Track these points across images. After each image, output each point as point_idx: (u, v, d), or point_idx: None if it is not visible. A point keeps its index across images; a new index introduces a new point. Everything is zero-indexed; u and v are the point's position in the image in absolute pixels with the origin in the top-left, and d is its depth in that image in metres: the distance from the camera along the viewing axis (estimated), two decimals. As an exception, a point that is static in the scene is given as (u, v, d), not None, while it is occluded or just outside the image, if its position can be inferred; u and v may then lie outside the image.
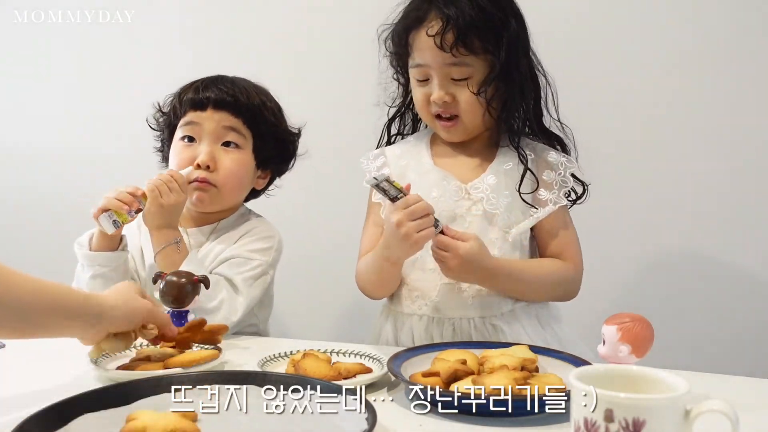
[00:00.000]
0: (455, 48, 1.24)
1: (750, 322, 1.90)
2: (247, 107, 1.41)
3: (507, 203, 1.31)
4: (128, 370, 1.08)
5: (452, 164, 1.36)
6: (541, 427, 0.91)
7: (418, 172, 1.36)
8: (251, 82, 1.48)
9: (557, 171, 1.32)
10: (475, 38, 1.25)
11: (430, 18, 1.27)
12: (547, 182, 1.32)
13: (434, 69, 1.28)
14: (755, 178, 1.89)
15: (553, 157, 1.33)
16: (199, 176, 1.40)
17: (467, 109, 1.29)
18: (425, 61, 1.28)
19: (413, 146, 1.40)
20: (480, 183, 1.32)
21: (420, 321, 1.32)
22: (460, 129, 1.33)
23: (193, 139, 1.42)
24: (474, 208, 1.31)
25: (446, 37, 1.24)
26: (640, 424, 0.67)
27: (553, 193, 1.31)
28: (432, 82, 1.29)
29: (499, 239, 1.30)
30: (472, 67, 1.27)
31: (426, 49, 1.27)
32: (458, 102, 1.29)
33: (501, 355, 1.05)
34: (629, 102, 1.95)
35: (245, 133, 1.42)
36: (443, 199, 1.31)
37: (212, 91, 1.41)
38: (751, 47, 1.85)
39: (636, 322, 0.99)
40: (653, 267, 1.97)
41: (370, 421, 0.82)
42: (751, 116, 1.88)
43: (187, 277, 1.23)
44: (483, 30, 1.25)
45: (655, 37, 1.92)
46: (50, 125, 2.39)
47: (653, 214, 1.96)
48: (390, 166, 1.39)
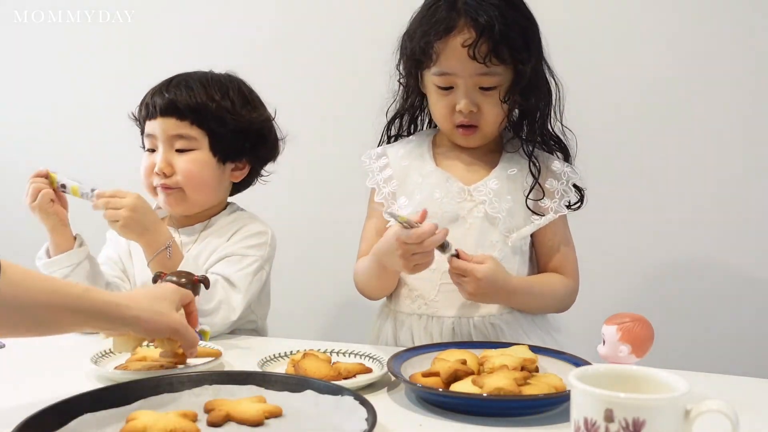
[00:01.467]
0: (489, 58, 1.24)
1: (750, 322, 1.90)
2: (189, 108, 1.41)
3: (508, 208, 1.31)
4: (127, 370, 1.08)
5: (455, 167, 1.36)
6: (541, 427, 0.91)
7: (421, 174, 1.36)
8: (208, 76, 1.47)
9: (560, 180, 1.33)
10: (506, 48, 1.25)
11: (460, 27, 1.25)
12: (550, 190, 1.33)
13: (462, 78, 1.27)
14: (755, 179, 1.89)
15: (557, 167, 1.34)
16: (160, 183, 1.43)
17: (490, 120, 1.30)
18: (453, 70, 1.27)
19: (416, 147, 1.40)
20: (483, 186, 1.32)
21: (419, 320, 1.32)
22: (479, 137, 1.33)
23: (153, 149, 1.45)
24: (476, 210, 1.31)
25: (481, 48, 1.23)
26: (640, 424, 0.67)
27: (554, 202, 1.32)
28: (457, 90, 1.29)
29: (500, 242, 1.31)
30: (501, 76, 1.27)
31: (456, 58, 1.26)
32: (482, 112, 1.29)
33: (501, 355, 1.05)
34: (628, 103, 1.95)
35: (195, 134, 1.42)
36: (446, 200, 1.31)
37: (159, 97, 1.43)
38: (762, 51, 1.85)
39: (636, 322, 0.99)
40: (653, 267, 1.97)
41: (370, 421, 0.82)
42: (752, 120, 1.88)
43: (187, 277, 1.23)
44: (515, 40, 1.25)
45: (659, 39, 1.92)
46: (50, 125, 2.39)
47: (653, 214, 1.96)
48: (392, 167, 1.39)
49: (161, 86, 1.45)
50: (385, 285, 1.35)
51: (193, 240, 1.47)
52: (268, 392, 0.94)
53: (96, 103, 2.34)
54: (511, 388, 0.93)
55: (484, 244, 1.30)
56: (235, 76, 1.51)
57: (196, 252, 1.44)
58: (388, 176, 1.38)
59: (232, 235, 1.46)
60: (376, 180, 1.38)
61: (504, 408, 0.93)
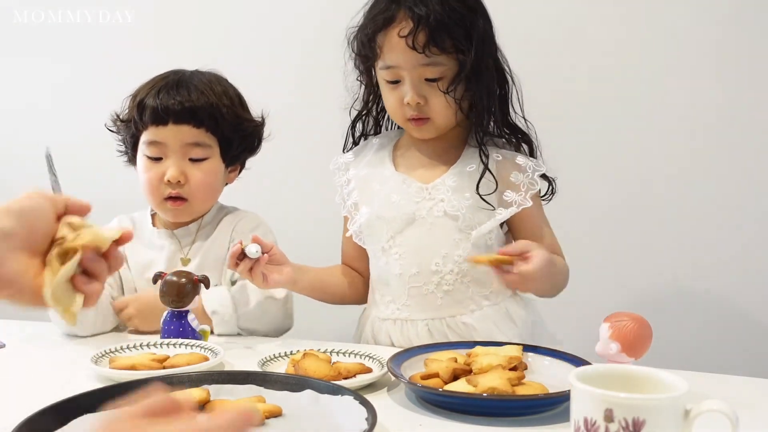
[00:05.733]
0: (428, 48, 1.22)
1: (750, 322, 1.90)
2: (207, 113, 1.36)
3: (468, 204, 1.29)
4: (127, 370, 1.08)
5: (415, 166, 1.35)
6: (541, 427, 0.91)
7: (380, 181, 1.35)
8: (206, 75, 1.43)
9: (525, 173, 1.30)
10: (447, 37, 1.23)
11: (400, 18, 1.24)
12: (515, 184, 1.30)
13: (406, 70, 1.26)
14: (756, 178, 1.89)
15: (522, 160, 1.31)
16: (171, 192, 1.37)
17: (439, 111, 1.28)
18: (396, 63, 1.26)
19: (378, 150, 1.39)
20: (441, 184, 1.30)
21: (394, 325, 1.32)
22: (432, 128, 1.31)
23: (159, 157, 1.38)
24: (435, 208, 1.30)
25: (418, 38, 1.22)
26: (640, 424, 0.67)
27: (519, 195, 1.29)
28: (404, 84, 1.27)
29: (462, 240, 1.29)
30: (444, 66, 1.25)
31: (397, 50, 1.25)
32: (430, 104, 1.27)
33: (486, 354, 1.05)
34: (620, 100, 1.95)
35: (210, 141, 1.39)
36: (403, 203, 1.30)
37: (171, 102, 1.35)
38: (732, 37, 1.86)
39: (630, 322, 0.99)
40: (653, 267, 1.97)
41: (370, 421, 0.82)
42: (751, 112, 1.88)
43: (187, 277, 1.23)
44: (453, 28, 1.23)
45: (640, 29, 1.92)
46: (50, 125, 2.39)
47: (653, 214, 1.96)
48: (355, 179, 1.38)
49: (163, 87, 1.38)
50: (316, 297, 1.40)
51: (190, 241, 1.45)
52: (268, 392, 0.94)
53: (96, 103, 2.33)
54: (505, 388, 0.93)
55: (446, 243, 1.29)
56: (222, 75, 1.47)
57: (199, 261, 1.42)
58: (351, 189, 1.38)
59: (235, 235, 1.44)
60: (341, 195, 1.40)
61: (504, 408, 0.93)
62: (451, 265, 1.29)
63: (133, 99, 1.42)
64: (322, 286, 1.39)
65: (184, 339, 1.21)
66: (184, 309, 1.24)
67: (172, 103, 1.35)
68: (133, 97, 1.42)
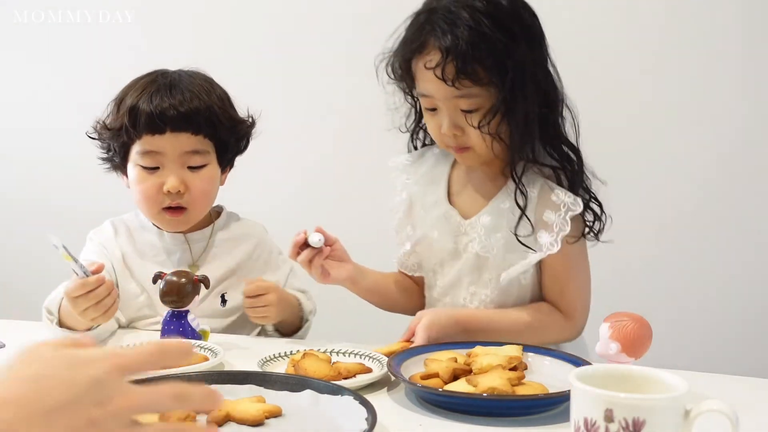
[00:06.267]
0: (457, 81, 1.14)
1: (750, 322, 1.90)
2: (205, 119, 1.31)
3: (501, 245, 1.22)
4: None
5: (463, 191, 1.30)
6: (541, 427, 0.91)
7: (425, 206, 1.32)
8: (196, 76, 1.38)
9: (557, 212, 1.20)
10: (478, 67, 1.14)
11: (429, 48, 1.17)
12: (548, 224, 1.20)
13: (440, 101, 1.19)
14: (756, 178, 1.89)
15: (557, 197, 1.20)
16: (172, 203, 1.33)
17: (477, 141, 1.20)
18: (429, 92, 1.19)
19: (435, 165, 1.34)
20: (476, 222, 1.25)
21: None
22: (474, 156, 1.23)
23: (156, 167, 1.32)
24: (470, 245, 1.26)
25: (447, 70, 1.14)
26: (640, 424, 0.67)
27: (551, 236, 1.19)
28: (440, 112, 1.20)
29: (493, 280, 1.25)
30: (480, 97, 1.17)
31: (428, 81, 1.17)
32: (467, 135, 1.20)
33: (486, 354, 1.05)
34: (626, 100, 1.95)
35: (208, 147, 1.34)
36: (441, 240, 1.28)
37: (167, 108, 1.28)
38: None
39: (630, 322, 0.99)
40: (653, 266, 1.97)
41: (370, 421, 0.82)
42: (752, 119, 1.88)
43: (187, 277, 1.23)
44: (485, 57, 1.14)
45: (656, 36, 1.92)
46: (50, 125, 2.39)
47: (653, 214, 1.96)
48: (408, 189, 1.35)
49: (154, 92, 1.30)
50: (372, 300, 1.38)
51: (203, 247, 1.42)
52: (268, 392, 0.94)
53: (96, 104, 2.33)
54: (505, 388, 0.93)
55: (477, 282, 1.27)
56: (207, 74, 1.41)
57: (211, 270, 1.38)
58: (403, 199, 1.36)
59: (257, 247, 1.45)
60: (394, 202, 1.37)
61: (504, 408, 0.93)
62: (477, 303, 1.27)
63: (120, 104, 1.34)
64: (380, 290, 1.36)
65: (184, 339, 1.21)
66: (184, 309, 1.24)
67: (167, 108, 1.28)
68: (119, 101, 1.34)
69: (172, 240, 1.41)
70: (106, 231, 1.42)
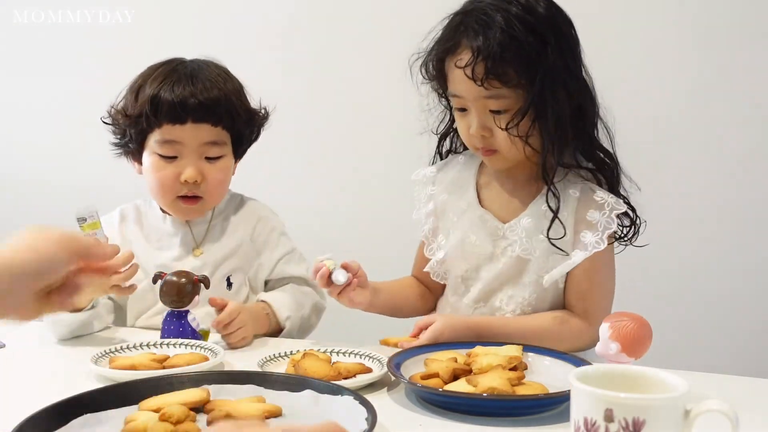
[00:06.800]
0: (486, 81, 1.16)
1: (750, 322, 1.90)
2: (225, 111, 1.33)
3: (543, 248, 1.22)
4: (127, 370, 1.08)
5: (497, 196, 1.30)
6: (541, 427, 0.91)
7: (457, 212, 1.31)
8: (213, 66, 1.40)
9: (602, 212, 1.21)
10: (509, 69, 1.16)
11: (461, 48, 1.19)
12: (592, 223, 1.21)
13: (470, 101, 1.20)
14: (756, 178, 1.89)
15: (600, 196, 1.21)
16: (188, 192, 1.34)
17: (505, 144, 1.20)
18: (460, 93, 1.21)
19: (463, 170, 1.34)
20: (516, 224, 1.24)
21: None
22: (501, 159, 1.24)
23: (174, 156, 1.34)
24: (509, 249, 1.24)
25: (476, 69, 1.16)
26: (640, 424, 0.67)
27: (596, 235, 1.20)
28: (469, 113, 1.22)
29: (533, 283, 1.24)
30: (508, 99, 1.18)
31: (459, 81, 1.19)
32: (495, 136, 1.20)
33: (486, 354, 1.05)
34: (634, 102, 1.95)
35: (225, 138, 1.36)
36: (479, 243, 1.27)
37: (189, 98, 1.30)
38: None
39: (630, 322, 0.99)
40: (653, 267, 1.97)
41: (370, 421, 0.82)
42: (753, 122, 1.88)
43: (187, 277, 1.23)
44: (516, 60, 1.15)
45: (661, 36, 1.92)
46: (49, 125, 2.39)
47: (653, 213, 1.96)
48: (435, 199, 1.34)
49: (176, 81, 1.32)
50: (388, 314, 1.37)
51: (203, 230, 1.42)
52: (268, 392, 0.94)
53: (96, 104, 2.33)
54: (505, 388, 0.93)
55: (515, 284, 1.26)
56: (222, 64, 1.42)
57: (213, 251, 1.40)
58: (429, 210, 1.35)
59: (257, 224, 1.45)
60: (419, 215, 1.35)
61: (504, 408, 0.94)
62: (513, 306, 1.25)
63: (139, 91, 1.34)
64: (395, 304, 1.35)
65: (184, 339, 1.21)
66: (184, 309, 1.24)
67: (188, 97, 1.30)
68: (137, 88, 1.35)
69: (174, 223, 1.42)
70: (111, 220, 1.43)
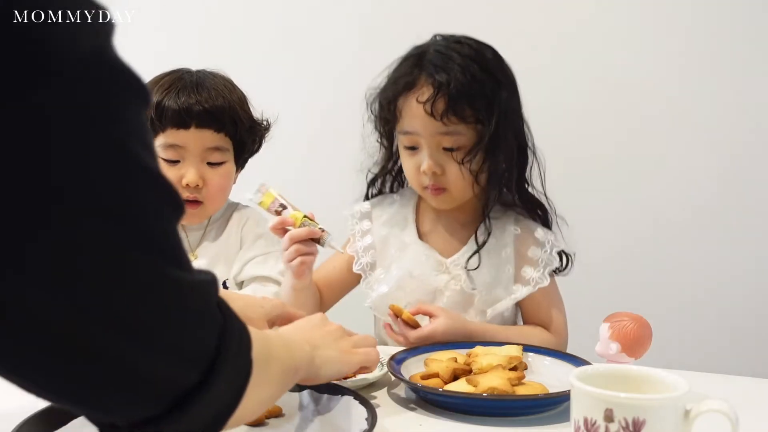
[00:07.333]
0: (446, 116, 1.19)
1: (750, 322, 1.90)
2: (228, 117, 1.35)
3: (486, 282, 1.27)
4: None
5: (436, 234, 1.32)
6: (541, 427, 0.91)
7: (399, 247, 1.32)
8: (218, 77, 1.42)
9: (543, 248, 1.28)
10: (467, 106, 1.20)
11: (420, 84, 1.22)
12: (533, 259, 1.28)
13: (424, 137, 1.22)
14: (755, 178, 1.89)
15: (540, 234, 1.29)
16: (189, 196, 1.35)
17: (455, 181, 1.24)
18: (414, 129, 1.23)
19: (400, 208, 1.36)
20: (460, 259, 1.28)
21: None
22: (449, 199, 1.27)
23: (176, 160, 1.36)
24: (452, 282, 1.28)
25: (437, 105, 1.19)
26: (640, 424, 0.67)
27: (537, 271, 1.27)
28: (421, 151, 1.24)
29: (478, 315, 1.27)
30: (463, 135, 1.21)
31: (416, 116, 1.21)
32: (447, 174, 1.23)
33: (486, 354, 1.05)
34: (625, 102, 1.95)
35: (227, 145, 1.38)
36: (423, 277, 1.28)
37: (194, 104, 1.32)
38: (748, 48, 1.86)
39: (630, 322, 0.99)
40: (653, 267, 1.97)
41: (370, 421, 0.82)
42: (752, 118, 1.88)
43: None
44: (474, 98, 1.20)
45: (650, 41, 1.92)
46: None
47: (653, 213, 1.96)
48: (373, 233, 1.35)
49: (179, 89, 1.34)
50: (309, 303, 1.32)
51: (198, 237, 1.44)
52: (268, 392, 0.94)
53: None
54: (505, 387, 0.93)
55: None
56: (227, 76, 1.44)
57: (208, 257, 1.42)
58: (367, 244, 1.35)
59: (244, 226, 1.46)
60: (355, 248, 1.35)
61: (504, 408, 0.93)
62: None
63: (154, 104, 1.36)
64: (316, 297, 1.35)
65: None
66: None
67: (193, 104, 1.32)
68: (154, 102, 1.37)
69: None
70: None
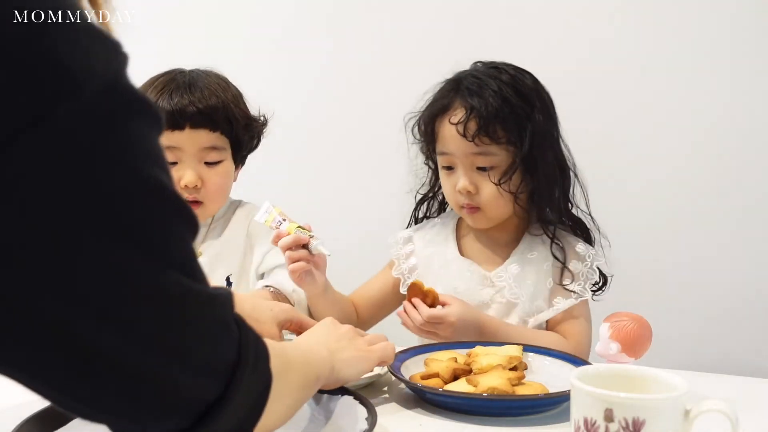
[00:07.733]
0: (477, 137, 1.24)
1: (750, 322, 1.90)
2: (223, 117, 1.35)
3: (530, 292, 1.29)
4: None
5: (478, 250, 1.35)
6: (541, 427, 0.91)
7: (442, 263, 1.35)
8: (212, 75, 1.41)
9: (584, 262, 1.30)
10: (499, 128, 1.24)
11: (455, 106, 1.27)
12: (574, 273, 1.30)
13: (458, 158, 1.27)
14: (755, 178, 1.89)
15: (581, 249, 1.31)
16: (189, 197, 1.35)
17: (489, 200, 1.27)
18: (449, 150, 1.28)
19: (439, 232, 1.40)
20: (503, 271, 1.31)
21: None
22: (483, 218, 1.30)
23: (174, 162, 1.35)
24: (497, 296, 1.30)
25: (469, 126, 1.24)
26: (640, 424, 0.67)
27: (578, 285, 1.29)
28: (456, 170, 1.29)
29: (519, 325, 1.29)
30: (496, 156, 1.25)
31: (450, 137, 1.27)
32: (481, 193, 1.27)
33: (486, 354, 1.05)
34: (628, 104, 1.95)
35: (224, 144, 1.38)
36: (468, 291, 1.30)
37: (187, 105, 1.32)
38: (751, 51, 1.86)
39: (630, 322, 0.99)
40: (653, 266, 1.97)
41: (370, 421, 0.82)
42: (752, 118, 1.88)
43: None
44: (506, 120, 1.24)
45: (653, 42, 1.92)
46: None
47: (652, 213, 1.96)
48: (417, 254, 1.38)
49: (174, 88, 1.34)
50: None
51: (202, 235, 1.43)
52: (268, 392, 0.94)
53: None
54: (505, 387, 0.93)
55: None
56: (222, 74, 1.44)
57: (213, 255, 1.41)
58: (412, 265, 1.38)
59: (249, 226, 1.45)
60: (401, 270, 1.38)
61: (504, 408, 0.94)
62: None
63: None
64: (342, 309, 1.35)
65: None
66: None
67: (187, 105, 1.32)
68: None
69: None
70: None
